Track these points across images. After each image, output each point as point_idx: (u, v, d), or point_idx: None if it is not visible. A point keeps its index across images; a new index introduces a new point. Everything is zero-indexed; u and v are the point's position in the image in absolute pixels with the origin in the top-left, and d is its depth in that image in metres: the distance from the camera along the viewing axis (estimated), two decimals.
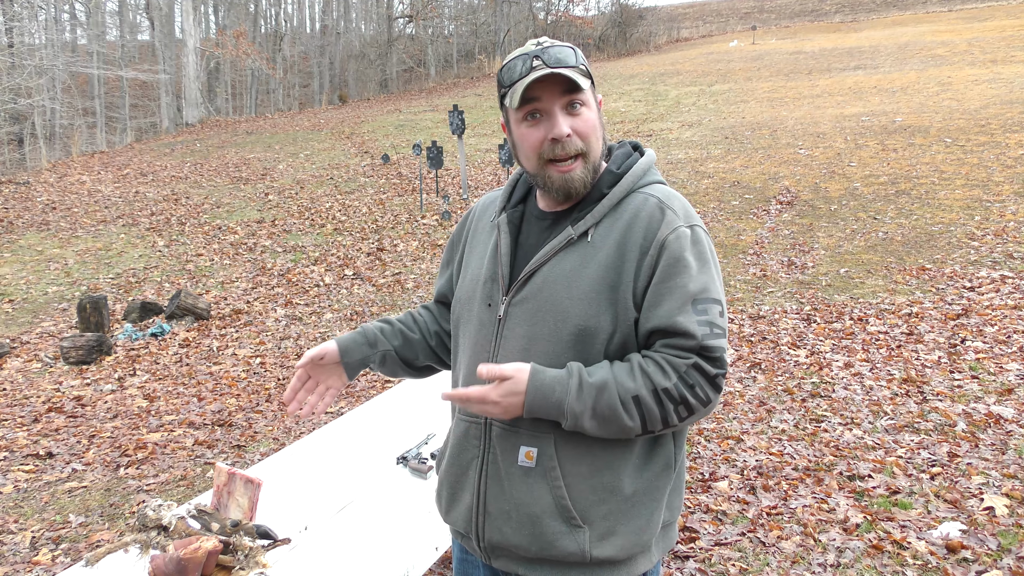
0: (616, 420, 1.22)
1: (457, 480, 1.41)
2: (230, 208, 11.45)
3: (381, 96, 29.67)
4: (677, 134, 14.21)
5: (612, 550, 1.29)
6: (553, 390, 1.23)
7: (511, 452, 1.31)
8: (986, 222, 7.57)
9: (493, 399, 1.24)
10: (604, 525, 1.29)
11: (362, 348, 1.54)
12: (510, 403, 1.24)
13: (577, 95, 1.28)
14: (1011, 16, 27.18)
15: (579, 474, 1.29)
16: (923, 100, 14.38)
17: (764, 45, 28.48)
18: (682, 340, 1.22)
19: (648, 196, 1.31)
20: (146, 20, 33.83)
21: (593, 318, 1.26)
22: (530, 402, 1.23)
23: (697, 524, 3.08)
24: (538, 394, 1.23)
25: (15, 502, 3.74)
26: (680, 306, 1.23)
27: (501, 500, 1.33)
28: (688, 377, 1.21)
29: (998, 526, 2.89)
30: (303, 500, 2.23)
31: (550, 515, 1.29)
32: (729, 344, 5.30)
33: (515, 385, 1.23)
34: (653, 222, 1.27)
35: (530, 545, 1.31)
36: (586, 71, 1.30)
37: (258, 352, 6.13)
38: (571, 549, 1.28)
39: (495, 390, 1.24)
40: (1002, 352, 4.67)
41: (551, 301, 1.29)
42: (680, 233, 1.26)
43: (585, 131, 1.30)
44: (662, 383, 1.21)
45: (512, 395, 1.24)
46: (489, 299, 1.38)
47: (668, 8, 46.45)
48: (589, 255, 1.29)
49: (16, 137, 21.75)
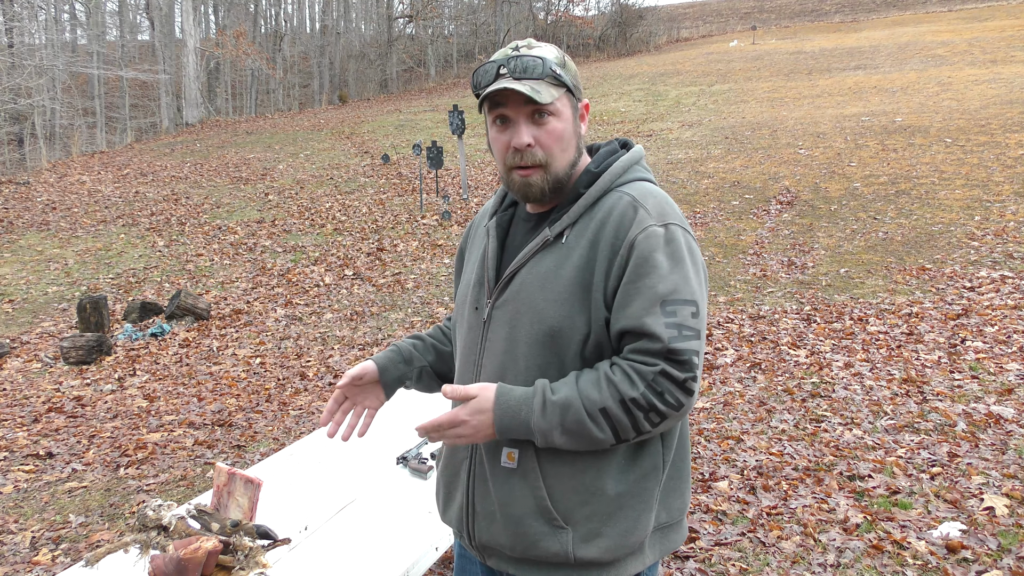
0: (586, 434, 1.21)
1: (451, 480, 1.44)
2: (230, 208, 11.45)
3: (381, 96, 29.68)
4: (677, 134, 14.21)
5: (596, 552, 1.28)
6: (520, 410, 1.22)
7: (495, 453, 1.33)
8: (986, 222, 7.57)
9: (462, 418, 1.24)
10: (588, 526, 1.28)
11: (399, 366, 1.55)
12: (479, 421, 1.24)
13: (542, 106, 1.29)
14: (1011, 16, 27.19)
15: (560, 475, 1.29)
16: (923, 100, 14.38)
17: (764, 45, 28.49)
18: (648, 343, 1.20)
19: (623, 195, 1.30)
20: (146, 20, 33.86)
21: (567, 319, 1.26)
22: (499, 422, 1.23)
23: (697, 524, 3.08)
24: (506, 414, 1.23)
25: (15, 502, 3.74)
26: (648, 307, 1.20)
27: (487, 500, 1.35)
28: (656, 384, 1.19)
29: (998, 526, 2.89)
30: (303, 500, 2.23)
31: (532, 516, 1.29)
32: (729, 344, 5.29)
33: (481, 403, 1.23)
34: (625, 221, 1.26)
35: (514, 545, 1.32)
36: (557, 79, 1.29)
37: (258, 352, 6.13)
38: (554, 550, 1.29)
39: (463, 410, 1.24)
40: (1002, 352, 4.67)
41: (527, 303, 1.29)
42: (651, 232, 1.24)
43: (547, 143, 1.29)
44: (629, 393, 1.19)
45: (480, 413, 1.24)
46: (476, 303, 1.40)
47: (668, 8, 46.47)
48: (564, 256, 1.29)
49: (16, 137, 21.76)
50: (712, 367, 4.89)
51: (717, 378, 4.70)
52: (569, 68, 1.33)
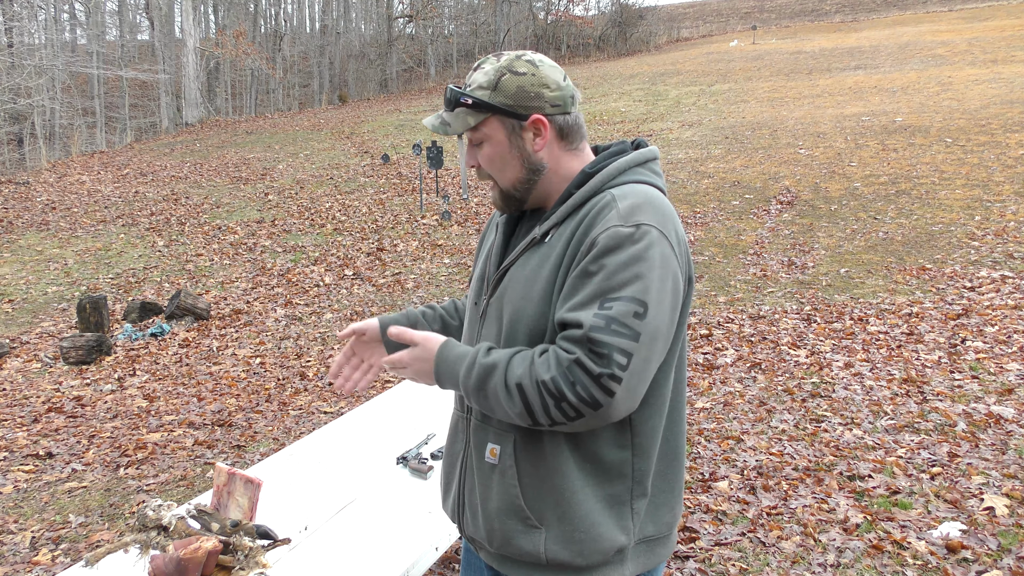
0: (499, 403, 1.21)
1: (449, 471, 1.48)
2: (230, 208, 11.45)
3: (381, 96, 29.68)
4: (677, 134, 14.21)
5: (567, 555, 1.28)
6: (457, 364, 1.27)
7: (481, 447, 1.35)
8: (986, 222, 7.57)
9: (405, 360, 1.32)
10: (560, 528, 1.28)
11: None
12: (420, 368, 1.31)
13: (472, 134, 1.35)
14: (1011, 16, 27.19)
15: (535, 475, 1.29)
16: (923, 100, 14.38)
17: (764, 45, 28.48)
18: (572, 331, 1.17)
19: (607, 195, 1.28)
20: (146, 20, 33.85)
21: (543, 318, 1.27)
22: (437, 371, 1.29)
23: (697, 524, 3.08)
24: (443, 365, 1.28)
25: (15, 502, 3.74)
26: (586, 301, 1.18)
27: (473, 494, 1.38)
28: (569, 373, 1.14)
29: (998, 526, 2.89)
30: (303, 500, 2.23)
31: (507, 512, 1.31)
32: (729, 344, 5.29)
33: (423, 352, 1.30)
34: (597, 220, 1.24)
35: (491, 540, 1.34)
36: (479, 106, 1.30)
37: (258, 352, 6.13)
38: (527, 548, 1.30)
39: (407, 354, 1.32)
40: (1002, 352, 4.67)
41: (511, 301, 1.32)
42: (614, 232, 1.20)
43: (485, 164, 1.36)
44: (541, 375, 1.16)
45: (420, 361, 1.30)
46: (476, 297, 1.44)
47: (668, 8, 46.47)
48: (545, 256, 1.30)
49: (16, 137, 21.77)
50: (712, 367, 4.89)
51: (717, 378, 4.69)
52: (503, 88, 1.28)
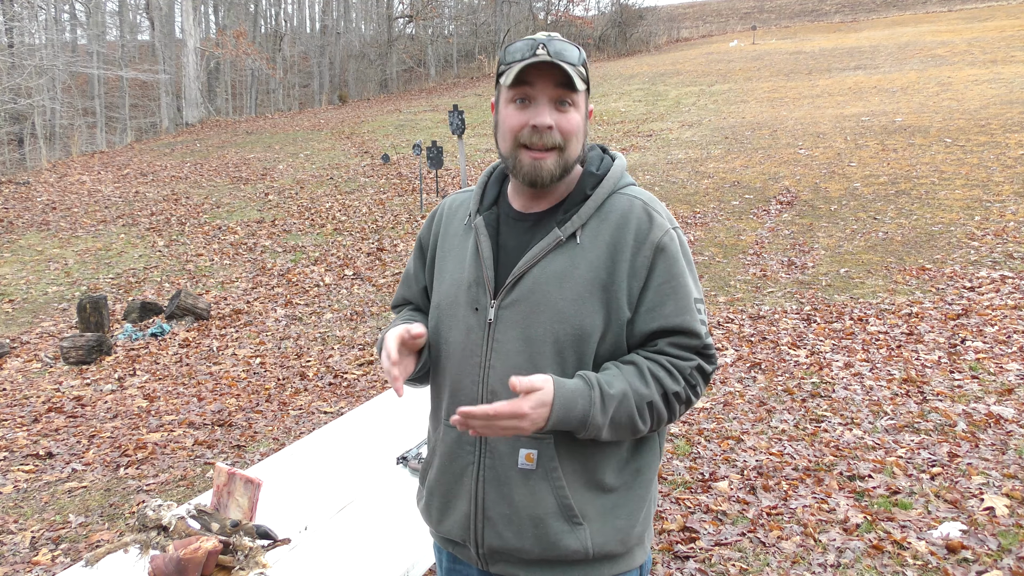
0: (631, 426, 1.26)
1: (450, 488, 1.39)
2: (230, 208, 11.45)
3: (381, 96, 29.67)
4: (677, 134, 14.21)
5: (612, 544, 1.32)
6: (576, 403, 1.21)
7: (510, 455, 1.31)
8: (986, 222, 7.57)
9: (525, 411, 1.17)
10: (601, 520, 1.32)
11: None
12: (539, 415, 1.19)
13: (569, 93, 1.28)
14: (1011, 16, 27.19)
15: (575, 472, 1.31)
16: (923, 100, 14.38)
17: (764, 45, 28.48)
18: (687, 340, 1.28)
19: (633, 199, 1.34)
20: (146, 20, 33.85)
21: (588, 318, 1.28)
22: (556, 414, 1.20)
23: (697, 524, 3.08)
24: (563, 408, 1.20)
25: (15, 502, 3.74)
26: (685, 306, 1.28)
27: (501, 504, 1.32)
28: (692, 379, 1.28)
29: (998, 526, 2.89)
30: (303, 500, 2.23)
31: (553, 516, 1.30)
32: (729, 344, 5.30)
33: (544, 396, 1.19)
34: (643, 224, 1.31)
35: (533, 547, 1.31)
36: (584, 76, 1.31)
37: (258, 352, 6.13)
38: (575, 547, 1.30)
39: (526, 402, 1.17)
40: (1002, 352, 4.67)
41: (544, 303, 1.29)
42: (672, 236, 1.31)
43: (568, 130, 1.29)
44: (672, 387, 1.26)
45: (541, 406, 1.18)
46: (475, 303, 1.35)
47: (668, 8, 46.47)
48: (579, 256, 1.29)
49: (16, 137, 21.77)
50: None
51: (717, 378, 4.69)
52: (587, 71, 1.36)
